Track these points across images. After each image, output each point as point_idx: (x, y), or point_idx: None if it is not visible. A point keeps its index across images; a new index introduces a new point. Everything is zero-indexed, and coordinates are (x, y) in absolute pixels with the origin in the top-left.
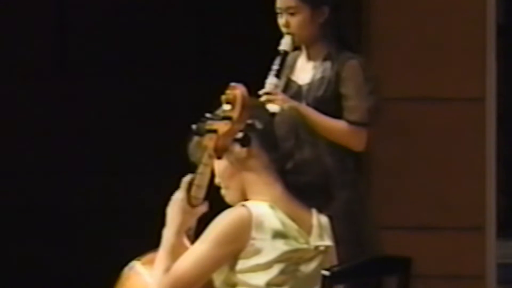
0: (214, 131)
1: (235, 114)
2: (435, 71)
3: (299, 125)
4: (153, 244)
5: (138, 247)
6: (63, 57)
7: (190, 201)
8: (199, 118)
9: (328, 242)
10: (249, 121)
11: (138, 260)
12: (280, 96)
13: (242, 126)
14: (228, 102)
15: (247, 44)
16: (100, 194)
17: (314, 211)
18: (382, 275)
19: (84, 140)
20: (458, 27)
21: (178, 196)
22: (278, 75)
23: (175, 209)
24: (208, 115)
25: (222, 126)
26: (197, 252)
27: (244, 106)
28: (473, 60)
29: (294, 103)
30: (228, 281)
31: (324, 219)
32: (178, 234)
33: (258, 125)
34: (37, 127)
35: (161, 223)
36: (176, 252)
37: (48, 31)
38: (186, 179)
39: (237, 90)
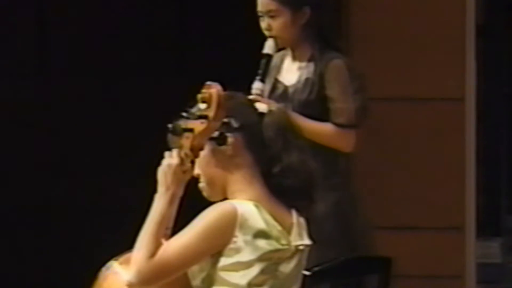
0: (190, 130)
1: (211, 113)
2: (414, 71)
3: (287, 127)
4: (129, 244)
5: (113, 248)
6: (45, 56)
7: None
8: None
9: (307, 241)
10: (225, 120)
11: (116, 260)
12: (265, 101)
13: (218, 125)
14: (204, 101)
15: (225, 43)
16: (80, 193)
17: (293, 211)
18: (362, 275)
19: (66, 139)
20: (437, 27)
21: (173, 161)
22: (263, 80)
23: (171, 174)
24: (184, 114)
25: (198, 125)
26: (182, 243)
27: (220, 105)
28: (453, 60)
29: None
30: (209, 279)
31: (302, 220)
32: (170, 204)
33: (235, 123)
34: (19, 127)
35: (139, 223)
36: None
37: (30, 30)
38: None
39: (213, 89)
